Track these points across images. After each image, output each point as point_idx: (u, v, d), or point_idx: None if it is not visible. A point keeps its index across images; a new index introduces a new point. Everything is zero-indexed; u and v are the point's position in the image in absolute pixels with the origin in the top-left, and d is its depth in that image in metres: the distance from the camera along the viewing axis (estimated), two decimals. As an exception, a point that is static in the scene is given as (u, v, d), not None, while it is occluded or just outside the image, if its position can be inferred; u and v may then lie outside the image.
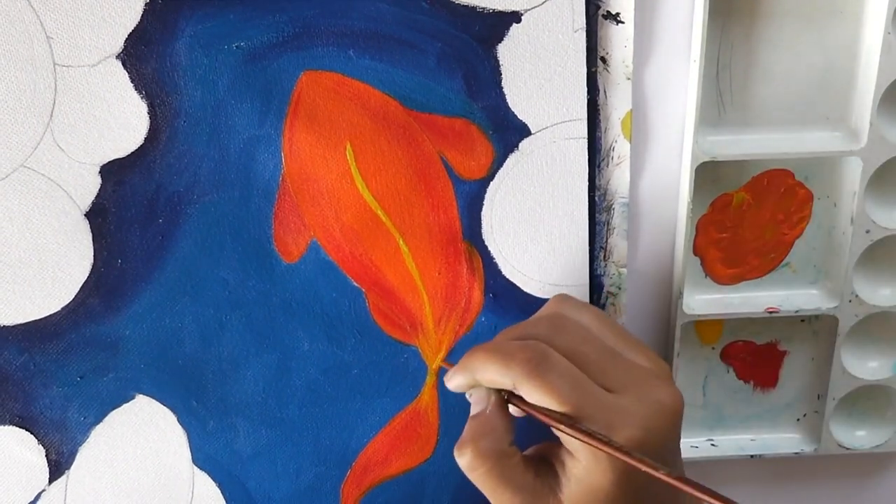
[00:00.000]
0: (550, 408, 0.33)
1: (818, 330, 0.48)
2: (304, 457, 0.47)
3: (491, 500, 0.35)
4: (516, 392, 0.34)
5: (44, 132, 0.40)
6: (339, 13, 0.40)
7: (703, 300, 0.47)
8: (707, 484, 0.31)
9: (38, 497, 0.46)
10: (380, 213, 0.43)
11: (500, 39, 0.40)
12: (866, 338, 0.47)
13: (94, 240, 0.42)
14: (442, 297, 0.45)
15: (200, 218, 0.42)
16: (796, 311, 0.46)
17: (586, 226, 0.44)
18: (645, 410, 0.34)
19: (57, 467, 0.46)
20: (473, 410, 0.37)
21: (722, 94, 0.43)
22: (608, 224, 0.44)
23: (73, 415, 0.45)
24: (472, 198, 0.43)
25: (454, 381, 0.37)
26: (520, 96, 0.41)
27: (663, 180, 0.45)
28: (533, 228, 0.44)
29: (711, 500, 0.32)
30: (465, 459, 0.35)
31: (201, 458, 0.46)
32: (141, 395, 0.45)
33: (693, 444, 0.50)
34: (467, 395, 0.38)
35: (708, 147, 0.43)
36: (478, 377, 0.36)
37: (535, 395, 0.33)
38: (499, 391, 0.36)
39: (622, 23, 0.41)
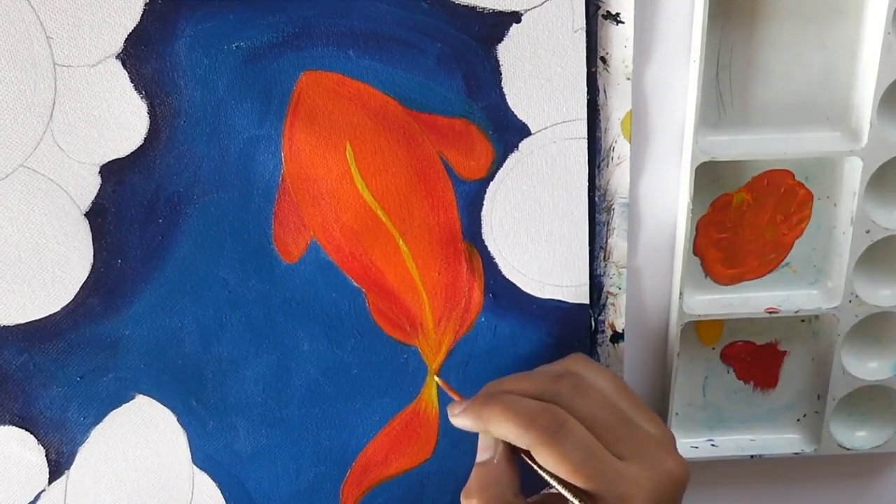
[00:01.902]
0: (562, 476, 0.34)
1: (818, 330, 0.48)
2: (303, 457, 0.47)
3: None
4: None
5: (44, 132, 0.40)
6: (339, 13, 0.40)
7: (703, 300, 0.47)
8: (707, 484, 0.32)
9: (37, 497, 0.46)
10: (380, 213, 0.43)
11: (500, 39, 0.40)
12: (866, 338, 0.47)
13: (94, 240, 0.42)
14: (442, 297, 0.45)
15: (200, 218, 0.42)
16: (796, 312, 0.46)
17: (586, 226, 0.44)
18: (655, 480, 0.35)
19: (57, 467, 0.46)
20: (480, 457, 0.38)
21: (722, 95, 0.43)
22: (608, 224, 0.44)
23: (73, 415, 0.45)
24: (471, 198, 0.43)
25: (462, 423, 0.38)
26: (520, 96, 0.41)
27: (663, 180, 0.45)
28: (533, 228, 0.44)
29: None
30: None
31: (201, 459, 0.46)
32: (141, 395, 0.45)
33: (693, 445, 0.50)
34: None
35: (708, 147, 0.43)
36: (491, 429, 0.36)
37: (550, 462, 0.34)
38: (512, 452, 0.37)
39: (622, 23, 0.41)
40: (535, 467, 0.35)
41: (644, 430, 0.37)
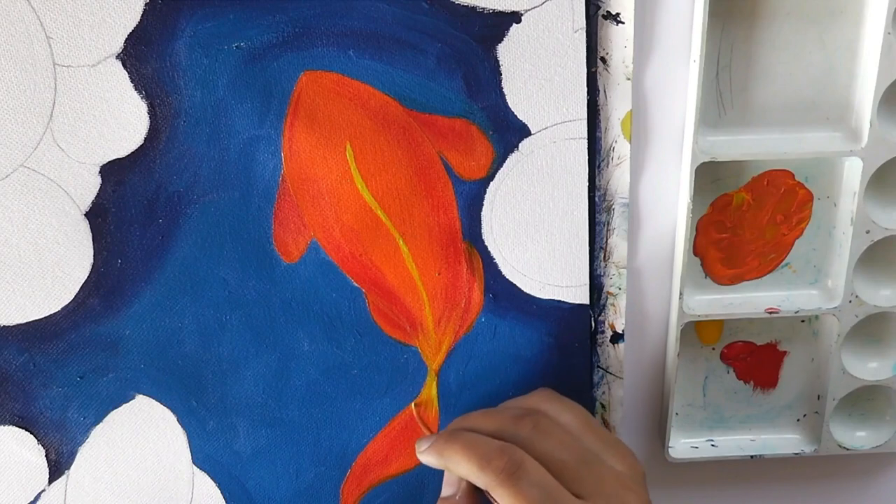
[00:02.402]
0: None
1: (818, 330, 0.48)
2: (303, 457, 0.47)
3: None
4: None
5: (44, 132, 0.40)
6: (339, 13, 0.40)
7: (703, 300, 0.47)
8: (707, 484, 0.32)
9: (37, 497, 0.46)
10: (380, 213, 0.43)
11: (500, 39, 0.40)
12: (866, 338, 0.47)
13: (94, 240, 0.42)
14: (442, 297, 0.45)
15: (200, 218, 0.42)
16: (796, 312, 0.46)
17: (586, 226, 0.44)
18: None
19: (57, 467, 0.46)
20: (444, 492, 0.39)
21: (722, 95, 0.43)
22: (608, 224, 0.44)
23: (73, 415, 0.45)
24: (472, 198, 0.43)
25: (427, 459, 0.38)
26: (520, 96, 0.41)
27: (663, 180, 0.45)
28: (533, 228, 0.44)
29: None
30: None
31: (201, 459, 0.46)
32: (141, 396, 0.45)
33: (693, 445, 0.50)
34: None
35: (708, 147, 0.43)
36: (451, 468, 0.37)
37: (507, 502, 0.35)
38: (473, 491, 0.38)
39: (622, 23, 0.41)
40: None
41: (607, 466, 0.37)
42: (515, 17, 0.40)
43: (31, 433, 0.45)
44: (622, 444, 0.39)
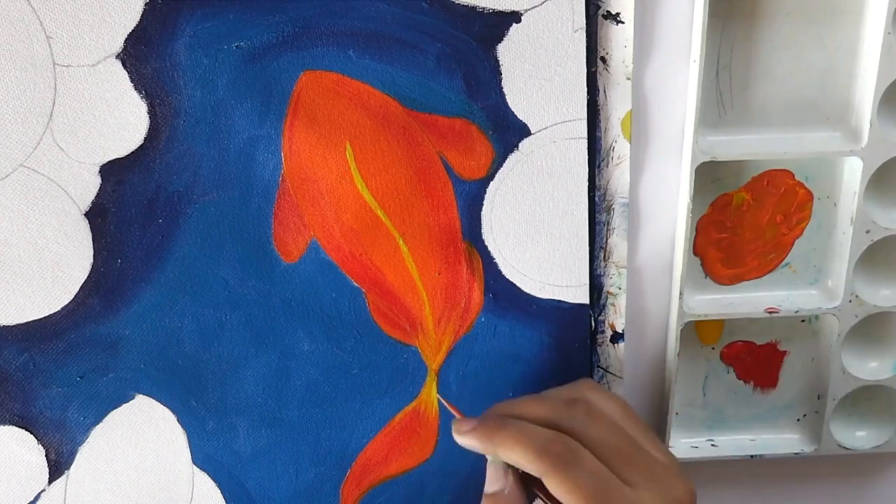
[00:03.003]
0: None
1: (818, 330, 0.48)
2: (303, 457, 0.47)
3: None
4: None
5: (43, 132, 0.40)
6: (339, 13, 0.40)
7: (703, 300, 0.47)
8: (707, 484, 0.32)
9: (37, 497, 0.46)
10: (380, 213, 0.43)
11: (500, 39, 0.40)
12: (866, 338, 0.47)
13: (93, 240, 0.42)
14: (442, 297, 0.45)
15: (200, 218, 0.42)
16: (796, 312, 0.46)
17: (586, 226, 0.44)
18: None
19: (57, 467, 0.46)
20: (490, 488, 0.38)
21: (722, 95, 0.43)
22: (608, 224, 0.44)
23: (73, 415, 0.45)
24: (471, 198, 0.43)
25: (469, 443, 0.38)
26: (520, 96, 0.41)
27: (663, 180, 0.45)
28: (533, 228, 0.44)
29: None
30: None
31: (201, 458, 0.46)
32: (140, 395, 0.45)
33: (693, 445, 0.50)
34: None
35: (708, 147, 0.43)
36: (501, 454, 0.37)
37: (561, 491, 0.34)
38: (516, 469, 0.37)
39: (622, 23, 0.41)
40: (543, 499, 0.36)
41: (652, 456, 0.37)
42: (515, 16, 0.40)
43: (31, 433, 0.45)
44: (656, 436, 0.40)
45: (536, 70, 0.41)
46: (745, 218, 0.46)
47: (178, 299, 0.44)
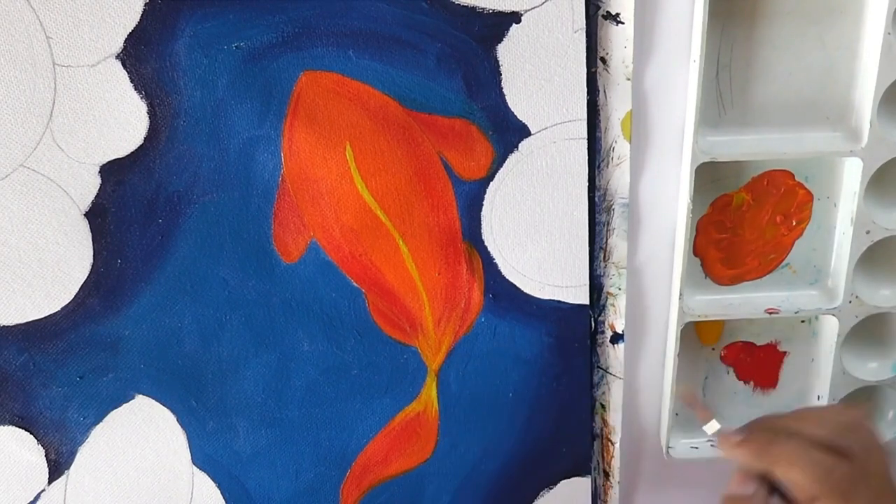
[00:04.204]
0: None
1: (818, 330, 0.48)
2: (303, 457, 0.47)
3: None
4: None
5: (43, 132, 0.40)
6: (339, 13, 0.40)
7: (703, 301, 0.47)
8: (707, 484, 0.32)
9: (37, 497, 0.46)
10: (379, 213, 0.43)
11: (500, 39, 0.40)
12: (866, 338, 0.47)
13: (93, 240, 0.42)
14: (442, 297, 0.45)
15: (200, 218, 0.42)
16: (796, 312, 0.46)
17: (586, 226, 0.44)
18: None
19: (56, 467, 0.46)
20: (737, 489, 0.37)
21: (722, 94, 0.43)
22: (608, 224, 0.44)
23: (73, 415, 0.45)
24: (471, 198, 0.43)
25: (738, 454, 0.37)
26: (520, 96, 0.41)
27: (663, 180, 0.45)
28: (533, 228, 0.44)
29: None
30: None
31: (201, 459, 0.46)
32: (140, 396, 0.45)
33: (693, 445, 0.50)
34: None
35: (708, 147, 0.43)
36: (776, 470, 0.36)
37: None
38: (772, 483, 0.36)
39: (622, 23, 0.41)
40: None
41: None
42: (515, 17, 0.40)
43: (31, 433, 0.45)
44: None
45: (536, 70, 0.41)
46: (745, 218, 0.46)
47: (178, 299, 0.44)
